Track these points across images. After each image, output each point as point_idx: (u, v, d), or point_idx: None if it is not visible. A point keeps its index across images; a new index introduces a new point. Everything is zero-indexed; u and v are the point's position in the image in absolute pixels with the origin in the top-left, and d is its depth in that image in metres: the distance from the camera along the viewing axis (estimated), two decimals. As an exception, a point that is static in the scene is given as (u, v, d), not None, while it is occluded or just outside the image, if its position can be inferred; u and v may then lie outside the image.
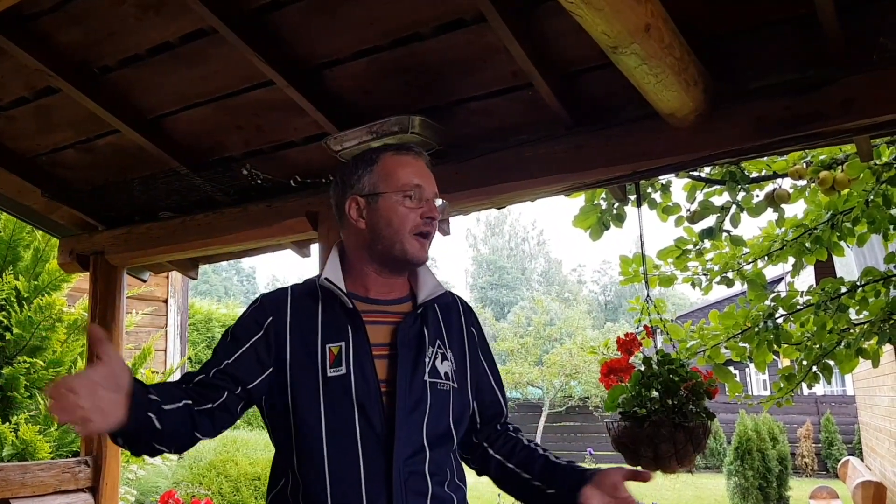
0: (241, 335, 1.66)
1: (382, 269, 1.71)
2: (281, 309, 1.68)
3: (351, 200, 1.71)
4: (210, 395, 1.57)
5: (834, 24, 2.02)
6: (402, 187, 1.68)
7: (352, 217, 1.71)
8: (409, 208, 1.68)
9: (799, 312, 3.72)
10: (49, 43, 2.64)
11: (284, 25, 2.47)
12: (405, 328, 1.68)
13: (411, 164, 1.73)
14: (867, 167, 3.26)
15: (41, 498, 3.24)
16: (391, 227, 1.67)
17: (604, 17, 1.71)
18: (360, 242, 1.71)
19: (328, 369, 1.60)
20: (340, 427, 1.57)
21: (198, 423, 1.54)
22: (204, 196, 3.29)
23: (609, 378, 2.50)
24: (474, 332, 1.84)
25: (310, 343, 1.63)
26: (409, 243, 1.67)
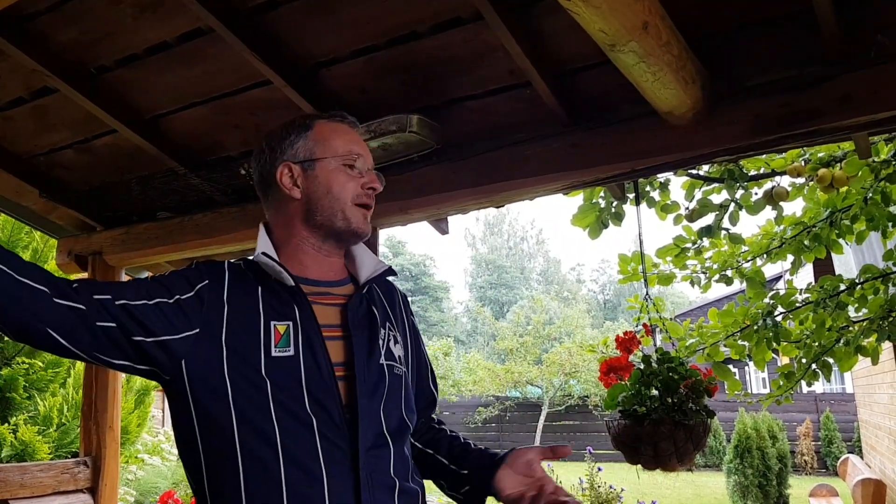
0: (166, 284, 1.44)
1: (322, 245, 1.56)
2: (218, 277, 1.49)
3: (283, 167, 1.54)
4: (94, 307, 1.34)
5: (831, 21, 2.02)
6: (344, 154, 1.56)
7: (284, 185, 1.54)
8: (350, 176, 1.55)
9: (798, 310, 3.72)
10: (46, 43, 2.63)
11: (281, 25, 2.46)
12: (354, 308, 1.54)
13: (348, 132, 1.61)
14: (865, 164, 3.26)
15: (40, 499, 3.23)
16: (331, 195, 1.53)
17: (601, 15, 1.70)
18: (295, 214, 1.55)
19: (273, 348, 1.42)
20: (292, 415, 1.38)
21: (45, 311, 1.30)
22: (202, 196, 3.29)
23: (609, 376, 2.50)
24: (412, 322, 1.74)
25: (250, 320, 1.44)
26: (353, 214, 1.54)
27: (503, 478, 1.54)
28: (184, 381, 1.40)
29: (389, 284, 1.71)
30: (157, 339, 1.38)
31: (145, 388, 6.22)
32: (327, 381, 1.42)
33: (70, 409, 5.54)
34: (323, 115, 1.63)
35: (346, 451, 1.40)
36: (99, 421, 3.54)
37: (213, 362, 1.40)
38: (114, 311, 1.35)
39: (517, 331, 23.45)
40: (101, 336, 1.34)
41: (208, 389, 1.39)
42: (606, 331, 25.77)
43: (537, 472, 1.54)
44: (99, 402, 3.56)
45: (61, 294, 1.32)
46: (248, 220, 3.21)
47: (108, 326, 1.34)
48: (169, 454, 7.86)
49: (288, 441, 1.37)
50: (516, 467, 1.54)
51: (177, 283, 1.45)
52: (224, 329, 1.42)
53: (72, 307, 1.32)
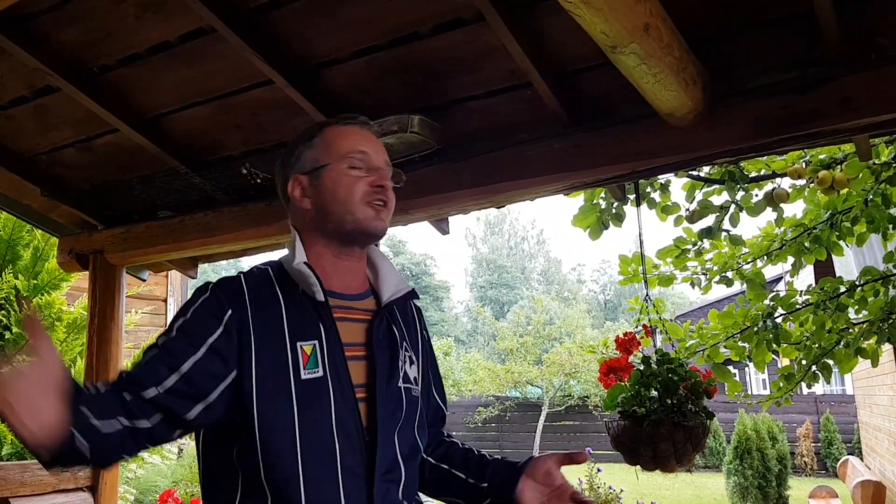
0: (198, 331, 1.40)
1: (340, 250, 1.54)
2: (239, 300, 1.44)
3: (293, 181, 1.55)
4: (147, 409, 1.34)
5: (832, 23, 2.02)
6: (346, 155, 1.53)
7: (296, 198, 1.55)
8: (355, 178, 1.51)
9: (798, 312, 3.73)
10: (48, 42, 2.64)
11: (283, 25, 2.47)
12: (377, 327, 1.52)
13: (355, 132, 1.58)
14: (866, 166, 3.26)
15: (40, 497, 3.24)
16: (338, 200, 1.50)
17: (602, 17, 1.70)
18: (310, 224, 1.54)
19: (302, 371, 1.39)
20: (316, 438, 1.36)
21: (127, 445, 1.32)
22: (203, 195, 3.29)
23: (608, 377, 2.50)
24: (426, 337, 1.72)
25: (277, 341, 1.41)
26: (363, 214, 1.50)
27: (525, 489, 1.53)
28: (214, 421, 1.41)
29: (409, 295, 1.66)
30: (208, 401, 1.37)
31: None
32: (350, 403, 1.42)
33: (70, 407, 5.53)
34: (332, 121, 1.61)
35: (361, 477, 1.40)
36: (99, 419, 3.54)
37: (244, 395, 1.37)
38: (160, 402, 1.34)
39: (517, 331, 23.44)
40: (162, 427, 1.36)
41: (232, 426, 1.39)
42: (607, 331, 25.76)
43: (557, 479, 1.53)
44: (99, 400, 3.56)
45: (130, 415, 1.32)
46: (248, 220, 3.22)
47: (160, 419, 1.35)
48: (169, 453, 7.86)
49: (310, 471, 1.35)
50: (537, 477, 1.53)
51: (206, 325, 1.40)
52: (253, 360, 1.39)
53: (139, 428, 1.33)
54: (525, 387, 20.25)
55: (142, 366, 1.37)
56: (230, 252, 3.72)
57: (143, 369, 1.37)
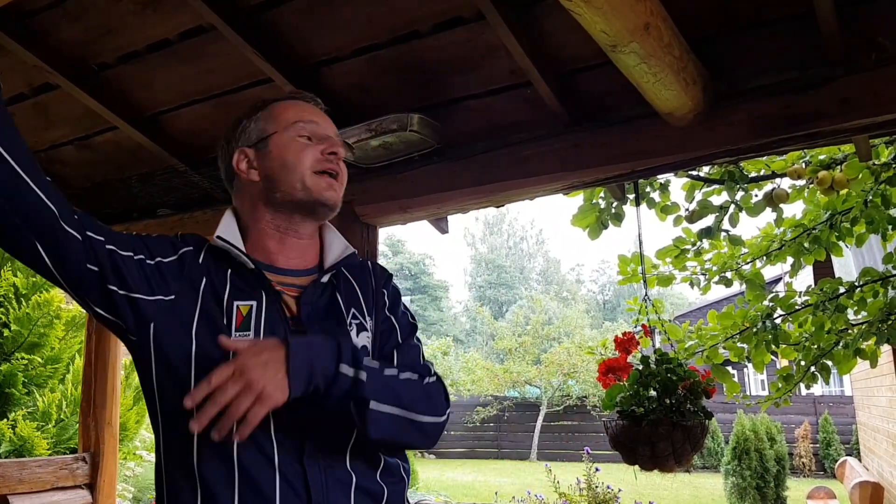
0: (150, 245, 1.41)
1: (288, 223, 1.48)
2: (199, 248, 1.46)
3: (238, 153, 1.50)
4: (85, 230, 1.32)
5: (832, 24, 2.02)
6: (292, 123, 1.48)
7: (241, 171, 1.49)
8: (304, 144, 1.47)
9: (797, 313, 3.73)
10: (47, 39, 2.64)
11: (283, 23, 2.46)
12: (310, 299, 1.45)
13: (302, 105, 1.54)
14: (866, 167, 3.26)
15: (39, 494, 3.23)
16: (287, 168, 1.45)
17: (603, 16, 1.70)
18: (257, 197, 1.49)
19: (234, 332, 1.35)
20: None
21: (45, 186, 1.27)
22: (202, 193, 3.29)
23: (607, 377, 2.50)
24: (384, 294, 1.60)
25: (219, 296, 1.39)
26: (314, 182, 1.45)
27: None
28: (149, 340, 1.36)
29: (363, 264, 1.61)
30: (130, 294, 1.34)
31: (144, 384, 6.22)
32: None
33: (69, 405, 5.54)
34: (279, 97, 1.57)
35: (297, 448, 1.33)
36: (98, 417, 3.55)
37: (185, 323, 1.35)
38: (102, 254, 1.32)
39: (516, 331, 23.45)
40: (85, 274, 1.31)
41: (174, 345, 1.35)
42: (605, 331, 25.77)
43: None
44: (98, 398, 3.56)
45: (67, 219, 1.29)
46: (248, 218, 3.21)
47: (92, 269, 1.31)
48: (167, 451, 7.85)
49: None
50: None
51: (160, 246, 1.42)
52: (200, 298, 1.38)
53: (72, 237, 1.29)
54: (523, 386, 20.26)
55: (103, 225, 1.38)
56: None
57: (103, 225, 1.37)
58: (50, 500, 3.29)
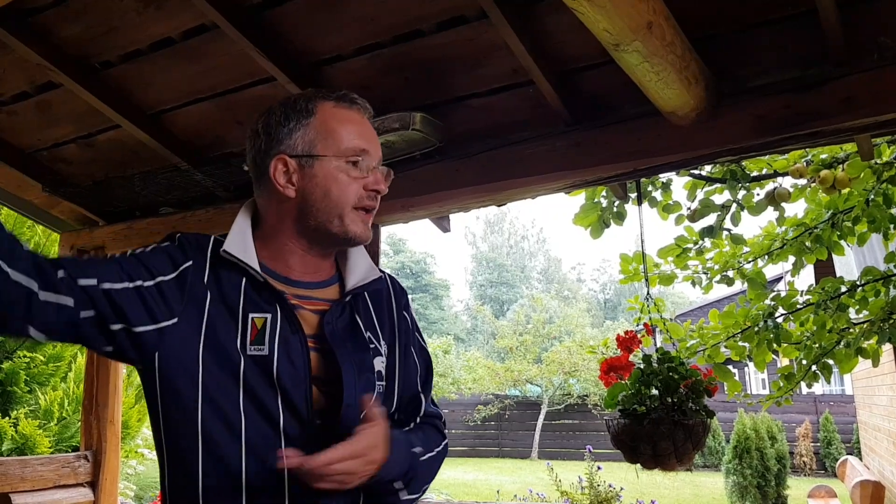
0: (148, 263, 1.32)
1: (312, 247, 1.42)
2: (202, 257, 1.36)
3: (277, 160, 1.38)
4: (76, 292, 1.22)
5: (835, 23, 2.02)
6: (347, 151, 1.38)
7: (278, 182, 1.38)
8: (352, 178, 1.38)
9: (799, 312, 3.73)
10: (50, 37, 2.64)
11: (285, 21, 2.47)
12: (332, 318, 1.40)
13: (356, 121, 1.43)
14: (868, 166, 3.27)
15: (41, 492, 3.24)
16: (329, 199, 1.37)
17: (606, 15, 1.71)
18: (287, 213, 1.40)
19: (248, 346, 1.30)
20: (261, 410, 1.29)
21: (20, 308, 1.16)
22: (204, 192, 3.29)
23: (609, 375, 2.51)
24: (406, 319, 1.57)
25: (230, 309, 1.33)
26: (352, 220, 1.38)
27: None
28: (154, 369, 1.31)
29: (380, 283, 1.53)
30: (132, 329, 1.27)
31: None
32: (302, 383, 1.32)
33: (71, 403, 5.55)
34: (329, 96, 1.43)
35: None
36: (100, 415, 3.55)
37: (189, 347, 1.30)
38: (96, 298, 1.24)
39: (517, 329, 23.45)
40: (83, 326, 1.24)
41: (180, 368, 1.30)
42: (606, 330, 25.79)
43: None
44: (100, 396, 3.57)
45: (49, 286, 1.19)
46: (250, 217, 3.21)
47: (90, 316, 1.24)
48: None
49: (252, 434, 1.28)
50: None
51: (159, 263, 1.33)
52: (205, 316, 1.31)
53: (59, 304, 1.20)
54: (524, 385, 20.27)
55: (88, 261, 1.29)
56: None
57: (92, 262, 1.29)
58: (52, 499, 3.29)
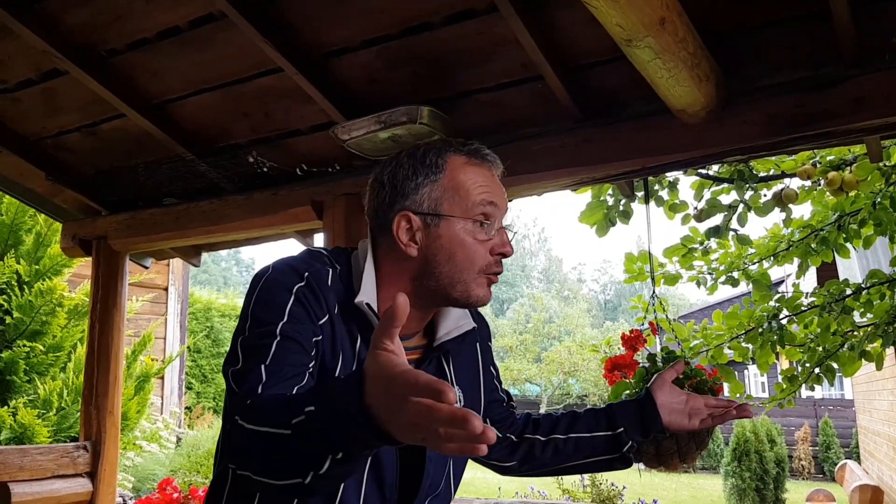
0: (302, 333, 1.24)
1: (425, 305, 1.36)
2: (331, 307, 1.29)
3: (401, 217, 1.31)
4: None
5: (847, 23, 2.01)
6: (474, 211, 1.31)
7: (401, 240, 1.31)
8: (478, 241, 1.31)
9: (803, 314, 3.71)
10: (56, 24, 2.62)
11: (294, 12, 2.45)
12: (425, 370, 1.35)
13: (486, 177, 1.35)
14: (876, 168, 3.25)
15: (39, 482, 3.23)
16: (453, 264, 1.30)
17: (619, 9, 1.69)
18: (405, 271, 1.33)
19: None
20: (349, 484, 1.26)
21: None
22: (209, 183, 3.28)
23: (613, 374, 2.49)
24: (489, 348, 1.59)
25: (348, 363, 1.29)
26: (476, 284, 1.32)
27: (670, 416, 1.59)
28: None
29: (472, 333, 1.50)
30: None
31: (145, 374, 6.22)
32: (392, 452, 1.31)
33: (70, 393, 5.54)
34: (460, 149, 1.38)
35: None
36: (99, 406, 3.54)
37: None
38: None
39: (517, 328, 23.49)
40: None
41: None
42: (606, 331, 25.80)
43: (681, 393, 1.60)
44: (100, 386, 3.56)
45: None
46: (253, 209, 3.21)
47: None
48: (167, 441, 7.87)
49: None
50: (667, 398, 1.59)
51: (304, 323, 1.24)
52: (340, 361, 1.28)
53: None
54: (524, 384, 20.29)
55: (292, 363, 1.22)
56: (234, 241, 3.71)
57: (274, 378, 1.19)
58: (51, 488, 3.29)
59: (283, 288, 1.26)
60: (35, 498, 3.19)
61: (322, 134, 2.86)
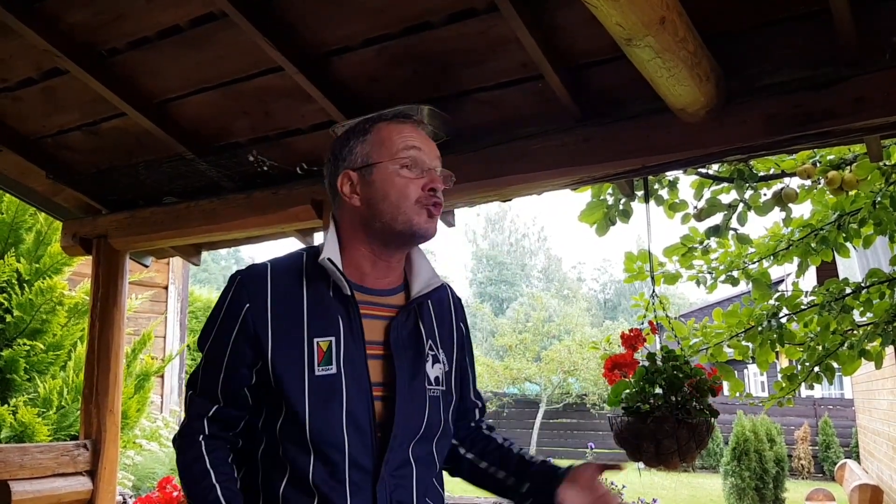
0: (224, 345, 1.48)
1: (383, 250, 1.52)
2: (259, 291, 1.47)
3: (343, 176, 1.52)
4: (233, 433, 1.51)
5: (848, 23, 2.01)
6: (399, 153, 1.49)
7: (345, 194, 1.51)
8: (407, 178, 1.48)
9: (803, 313, 3.71)
10: (57, 23, 2.63)
11: (294, 11, 2.45)
12: (398, 326, 1.52)
13: (408, 130, 1.54)
14: (876, 167, 3.25)
15: (40, 480, 3.23)
16: (388, 201, 1.47)
17: (619, 9, 1.69)
18: (356, 221, 1.52)
19: (316, 367, 1.42)
20: (327, 432, 1.41)
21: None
22: (209, 182, 3.28)
23: (613, 373, 2.50)
24: (463, 330, 1.70)
25: (294, 335, 1.44)
26: (415, 214, 1.48)
27: (566, 494, 1.55)
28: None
29: (442, 291, 1.64)
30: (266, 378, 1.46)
31: (145, 373, 6.22)
32: (365, 401, 1.44)
33: (70, 391, 5.54)
34: (385, 116, 1.58)
35: (369, 472, 1.43)
36: (100, 404, 3.54)
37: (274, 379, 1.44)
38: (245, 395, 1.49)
39: (516, 327, 23.44)
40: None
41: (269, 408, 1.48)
42: (606, 330, 25.78)
43: (600, 488, 1.56)
44: (100, 385, 3.56)
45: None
46: (253, 208, 3.21)
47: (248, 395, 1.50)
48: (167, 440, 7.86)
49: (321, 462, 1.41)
50: (580, 483, 1.55)
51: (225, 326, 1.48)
52: (270, 353, 1.44)
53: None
54: (523, 383, 20.24)
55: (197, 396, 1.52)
56: (234, 240, 3.71)
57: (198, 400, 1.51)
58: (51, 486, 3.29)
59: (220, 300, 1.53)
60: (35, 496, 3.19)
61: (322, 133, 2.87)
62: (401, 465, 1.46)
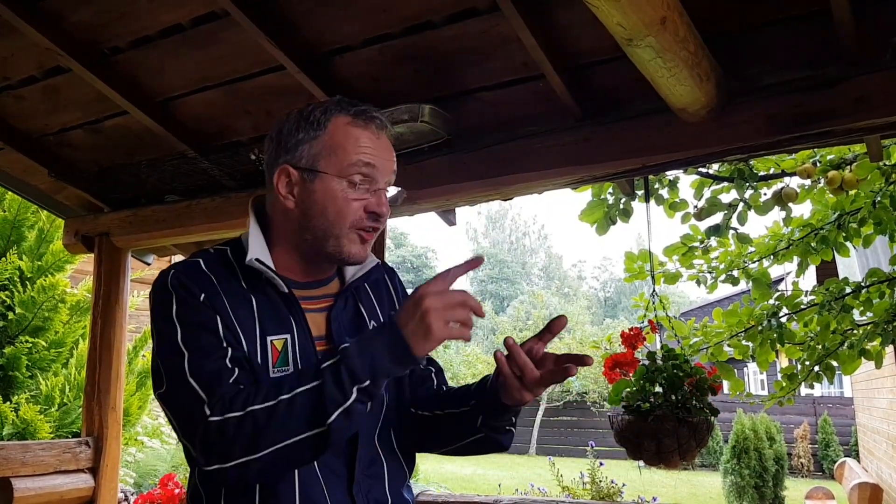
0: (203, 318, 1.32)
1: (312, 258, 1.42)
2: (207, 283, 1.34)
3: (281, 171, 1.38)
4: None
5: (848, 22, 2.02)
6: (349, 170, 1.35)
7: (280, 192, 1.38)
8: (352, 199, 1.35)
9: (803, 312, 3.72)
10: (60, 22, 2.63)
11: (296, 10, 2.46)
12: (338, 315, 1.43)
13: (368, 138, 1.37)
14: (876, 167, 3.26)
15: (42, 477, 3.24)
16: (325, 218, 1.35)
17: (620, 9, 1.70)
18: (287, 223, 1.40)
19: (271, 368, 1.32)
20: None
21: None
22: (211, 180, 3.29)
23: (613, 372, 2.50)
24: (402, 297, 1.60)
25: (249, 332, 1.33)
26: (347, 240, 1.37)
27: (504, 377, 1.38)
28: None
29: (376, 272, 1.54)
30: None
31: (147, 370, 6.23)
32: None
33: (72, 389, 5.55)
34: (347, 109, 1.39)
35: (342, 476, 1.35)
36: (102, 401, 3.55)
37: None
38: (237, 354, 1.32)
39: (517, 325, 23.49)
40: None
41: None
42: (606, 328, 25.80)
43: (539, 352, 1.42)
44: (102, 382, 3.57)
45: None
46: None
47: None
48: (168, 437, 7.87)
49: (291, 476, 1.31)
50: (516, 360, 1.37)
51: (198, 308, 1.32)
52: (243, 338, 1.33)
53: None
54: (523, 381, 20.24)
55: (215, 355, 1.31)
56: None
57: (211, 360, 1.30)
58: (53, 484, 3.30)
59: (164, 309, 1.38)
60: (37, 493, 3.20)
61: (323, 132, 2.87)
62: (371, 463, 1.39)
